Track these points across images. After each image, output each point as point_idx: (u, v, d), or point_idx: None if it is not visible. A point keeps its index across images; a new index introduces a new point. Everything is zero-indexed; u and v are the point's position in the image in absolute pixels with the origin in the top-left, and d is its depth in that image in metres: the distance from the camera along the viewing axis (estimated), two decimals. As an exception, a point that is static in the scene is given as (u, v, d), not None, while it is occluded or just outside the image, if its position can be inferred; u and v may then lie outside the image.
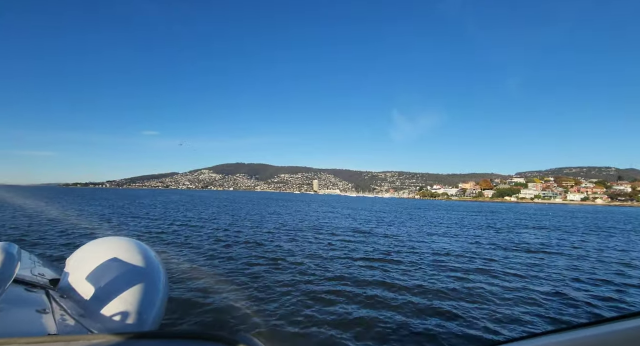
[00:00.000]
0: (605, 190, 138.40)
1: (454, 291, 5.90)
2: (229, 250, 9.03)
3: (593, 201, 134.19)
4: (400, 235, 13.67)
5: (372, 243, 11.06)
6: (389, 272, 7.14)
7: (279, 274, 6.62)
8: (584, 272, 7.89)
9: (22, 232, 10.78)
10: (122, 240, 1.78)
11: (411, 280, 6.55)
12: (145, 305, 1.47)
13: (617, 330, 0.59)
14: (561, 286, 6.50)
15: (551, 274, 7.56)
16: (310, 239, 11.57)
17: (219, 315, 4.40)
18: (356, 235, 13.06)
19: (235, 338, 0.70)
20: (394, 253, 9.35)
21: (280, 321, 4.33)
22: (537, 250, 10.95)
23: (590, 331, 0.62)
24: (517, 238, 14.15)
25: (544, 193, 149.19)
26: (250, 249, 9.24)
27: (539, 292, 6.02)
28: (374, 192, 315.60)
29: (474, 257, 9.20)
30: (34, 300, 1.23)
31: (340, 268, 7.27)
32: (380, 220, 21.55)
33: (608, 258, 10.04)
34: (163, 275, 1.71)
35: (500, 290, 6.06)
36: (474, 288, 6.12)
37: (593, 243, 13.66)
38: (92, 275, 1.48)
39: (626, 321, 0.60)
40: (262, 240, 10.84)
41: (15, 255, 0.98)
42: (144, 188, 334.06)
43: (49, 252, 7.91)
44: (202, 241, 10.40)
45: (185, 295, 5.05)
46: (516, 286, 6.35)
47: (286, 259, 8.02)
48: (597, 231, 19.29)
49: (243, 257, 8.09)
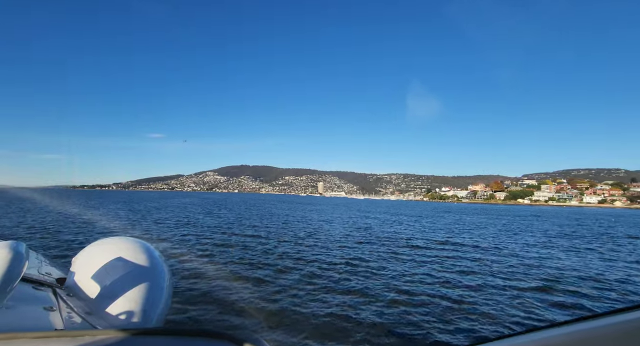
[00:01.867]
0: (623, 192, 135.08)
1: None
2: (283, 261, 7.37)
3: (611, 204, 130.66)
4: (500, 247, 11.89)
5: (483, 260, 9.32)
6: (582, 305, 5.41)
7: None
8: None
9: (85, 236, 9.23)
10: (127, 240, 1.79)
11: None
12: (150, 303, 1.48)
13: (608, 324, 0.60)
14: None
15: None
16: (405, 257, 9.86)
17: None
18: (446, 248, 11.32)
19: (242, 337, 0.69)
20: (534, 275, 7.59)
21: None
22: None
23: (583, 325, 0.64)
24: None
25: (558, 196, 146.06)
26: (335, 271, 7.55)
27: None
28: (379, 194, 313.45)
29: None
30: (41, 298, 1.25)
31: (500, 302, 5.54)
32: (444, 228, 19.80)
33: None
34: (167, 274, 1.70)
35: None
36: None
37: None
38: (97, 274, 1.50)
39: (616, 316, 0.61)
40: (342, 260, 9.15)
41: (23, 254, 0.99)
42: (150, 190, 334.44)
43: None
44: (254, 250, 8.76)
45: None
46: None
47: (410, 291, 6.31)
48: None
49: (295, 272, 6.41)
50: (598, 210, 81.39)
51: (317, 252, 9.65)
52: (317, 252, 9.65)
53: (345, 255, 9.28)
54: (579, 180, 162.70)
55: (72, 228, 12.69)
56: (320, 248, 10.33)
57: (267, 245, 10.50)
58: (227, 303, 4.85)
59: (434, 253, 10.09)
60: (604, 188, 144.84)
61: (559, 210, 73.53)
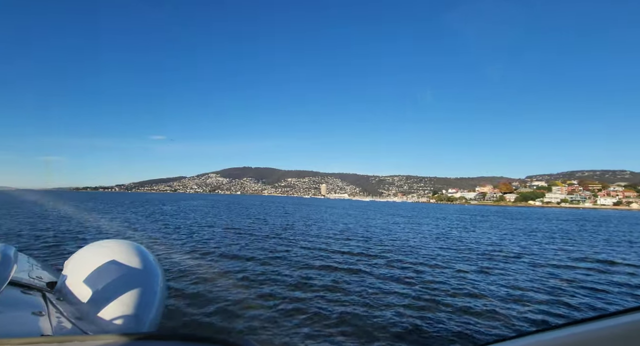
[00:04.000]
0: (638, 194, 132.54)
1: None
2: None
3: (627, 206, 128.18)
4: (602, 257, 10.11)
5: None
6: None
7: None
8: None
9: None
10: (120, 242, 1.75)
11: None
12: (143, 308, 1.44)
13: (610, 326, 0.60)
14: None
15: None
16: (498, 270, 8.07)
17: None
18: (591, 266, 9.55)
19: (236, 342, 0.68)
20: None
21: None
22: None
23: (584, 327, 0.63)
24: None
25: (571, 197, 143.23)
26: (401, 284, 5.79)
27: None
28: (382, 196, 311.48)
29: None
30: (30, 303, 1.22)
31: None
32: (497, 236, 18.01)
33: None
34: (161, 278, 1.66)
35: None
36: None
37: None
38: (89, 277, 1.46)
39: (618, 318, 0.61)
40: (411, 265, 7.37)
41: (11, 257, 0.97)
42: (153, 192, 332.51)
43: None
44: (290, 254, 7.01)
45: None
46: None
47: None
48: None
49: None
50: (622, 213, 79.25)
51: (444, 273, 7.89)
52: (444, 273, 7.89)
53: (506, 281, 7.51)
54: (590, 182, 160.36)
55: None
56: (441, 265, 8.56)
57: (383, 261, 8.73)
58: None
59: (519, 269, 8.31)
60: (617, 190, 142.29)
61: (599, 214, 70.92)
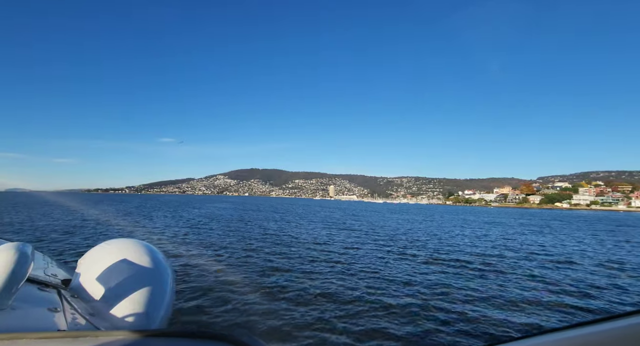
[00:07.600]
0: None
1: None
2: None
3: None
4: None
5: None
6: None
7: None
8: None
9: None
10: (132, 242, 1.81)
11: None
12: (154, 305, 1.49)
13: (612, 329, 0.60)
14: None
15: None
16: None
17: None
18: None
19: (240, 338, 0.70)
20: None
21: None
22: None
23: (586, 329, 0.63)
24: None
25: (602, 199, 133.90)
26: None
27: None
28: (391, 197, 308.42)
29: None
30: (46, 299, 1.27)
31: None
32: (608, 245, 16.71)
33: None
34: (171, 277, 1.72)
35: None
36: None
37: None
38: (102, 275, 1.52)
39: (620, 321, 0.61)
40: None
41: (29, 255, 1.02)
42: (162, 193, 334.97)
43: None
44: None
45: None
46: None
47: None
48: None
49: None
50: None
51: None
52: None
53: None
54: (619, 183, 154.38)
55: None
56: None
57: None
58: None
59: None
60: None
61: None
